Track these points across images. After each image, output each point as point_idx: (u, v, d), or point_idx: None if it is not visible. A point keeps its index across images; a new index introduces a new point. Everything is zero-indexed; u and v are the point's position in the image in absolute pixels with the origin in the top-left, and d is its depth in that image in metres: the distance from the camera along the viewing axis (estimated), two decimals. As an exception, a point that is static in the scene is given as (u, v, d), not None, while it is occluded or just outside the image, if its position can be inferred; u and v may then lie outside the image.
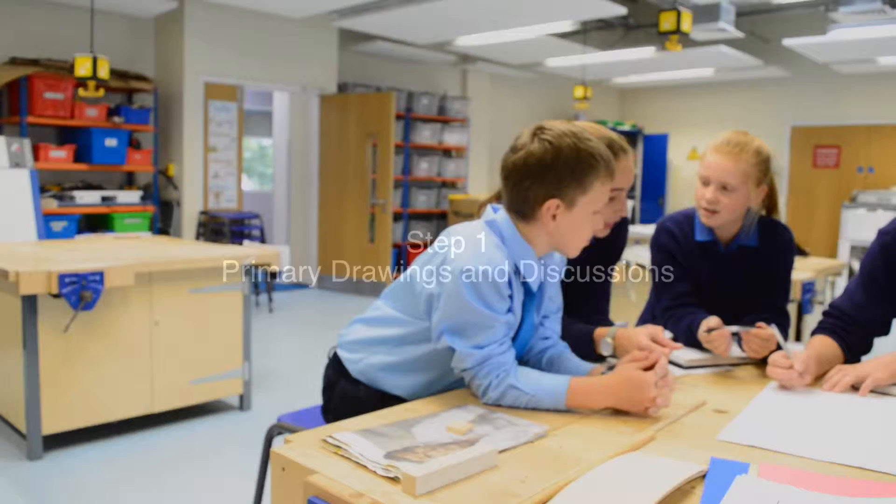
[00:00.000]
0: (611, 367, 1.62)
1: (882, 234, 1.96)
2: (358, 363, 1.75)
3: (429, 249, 1.64)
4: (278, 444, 1.29)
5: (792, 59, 9.93)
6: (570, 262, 2.07)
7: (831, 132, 10.70)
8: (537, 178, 1.53)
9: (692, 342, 2.00)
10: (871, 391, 1.70)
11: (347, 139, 8.33)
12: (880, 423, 1.51)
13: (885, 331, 1.98)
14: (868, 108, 10.28)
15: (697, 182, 2.11)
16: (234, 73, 7.52)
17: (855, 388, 1.71)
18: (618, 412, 1.50)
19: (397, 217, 8.82)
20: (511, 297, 1.54)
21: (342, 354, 1.80)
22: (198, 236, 7.36)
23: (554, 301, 1.78)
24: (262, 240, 7.43)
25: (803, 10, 8.92)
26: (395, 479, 1.11)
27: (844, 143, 10.61)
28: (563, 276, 1.80)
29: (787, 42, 8.46)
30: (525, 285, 1.61)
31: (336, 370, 1.81)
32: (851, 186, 10.46)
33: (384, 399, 1.68)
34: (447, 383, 1.69)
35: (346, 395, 1.75)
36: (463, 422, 1.36)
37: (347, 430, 1.30)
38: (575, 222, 1.56)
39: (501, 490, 1.09)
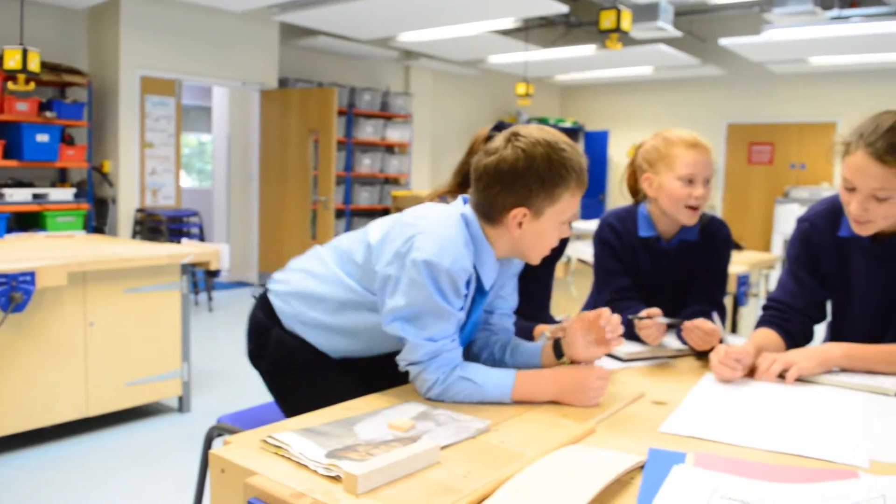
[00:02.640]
0: (557, 345, 1.66)
1: (800, 221, 2.04)
2: (289, 314, 1.71)
3: (388, 222, 1.60)
4: (218, 446, 1.27)
5: (728, 58, 10.17)
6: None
7: (765, 130, 11.00)
8: (507, 185, 1.52)
9: (633, 335, 2.04)
10: (798, 379, 1.76)
11: (289, 135, 8.24)
12: (809, 411, 1.56)
13: (822, 315, 2.05)
14: (800, 107, 10.59)
15: (675, 183, 2.08)
16: (171, 68, 7.36)
17: (783, 376, 1.76)
18: (559, 405, 1.51)
19: (339, 214, 8.76)
20: (465, 296, 1.54)
21: (275, 302, 1.74)
22: (134, 235, 7.19)
23: (508, 300, 1.79)
24: (202, 238, 7.30)
25: (739, 10, 9.14)
26: (336, 479, 1.10)
27: (778, 141, 10.91)
28: (516, 273, 1.80)
29: (724, 42, 8.65)
30: (479, 283, 1.61)
31: (267, 314, 1.75)
32: (784, 182, 10.77)
33: (315, 357, 1.68)
34: (376, 353, 1.70)
35: (282, 344, 1.71)
36: (405, 419, 1.36)
37: (288, 430, 1.28)
38: (540, 231, 1.56)
39: (444, 486, 1.09)
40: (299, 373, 1.71)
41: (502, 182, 1.52)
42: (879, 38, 7.79)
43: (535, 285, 2.21)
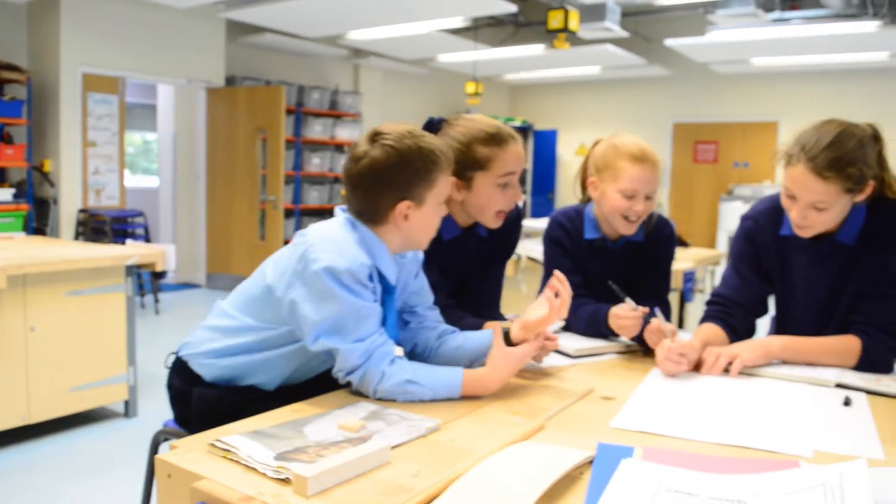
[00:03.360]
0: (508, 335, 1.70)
1: (744, 219, 2.09)
2: (213, 367, 1.67)
3: (283, 251, 1.61)
4: (165, 451, 1.24)
5: (673, 58, 10.34)
6: (464, 256, 2.09)
7: (710, 129, 11.22)
8: (386, 183, 1.54)
9: (592, 331, 2.05)
10: (742, 373, 1.81)
11: (236, 134, 8.13)
12: (753, 403, 1.60)
13: (763, 310, 2.10)
14: (743, 107, 10.83)
15: (615, 195, 2.08)
16: (114, 65, 7.20)
17: (728, 370, 1.81)
18: (509, 402, 1.53)
19: (288, 213, 8.67)
20: (374, 290, 1.54)
21: (193, 364, 1.70)
22: (77, 236, 7.02)
23: (420, 295, 1.80)
24: (147, 238, 7.16)
25: (683, 12, 9.32)
26: (286, 481, 1.09)
27: (722, 140, 11.15)
28: (420, 271, 1.80)
29: (669, 42, 8.80)
30: (383, 283, 1.61)
31: (184, 378, 1.71)
32: (728, 180, 11.01)
33: (248, 393, 1.65)
34: (314, 373, 1.69)
35: (205, 399, 1.66)
36: (355, 419, 1.35)
37: (235, 433, 1.27)
38: (426, 217, 1.60)
39: (394, 486, 1.09)
40: (231, 415, 1.52)
41: (381, 182, 1.54)
42: (818, 39, 8.01)
43: (485, 284, 2.22)
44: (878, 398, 1.64)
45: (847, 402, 1.59)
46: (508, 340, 1.71)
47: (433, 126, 1.97)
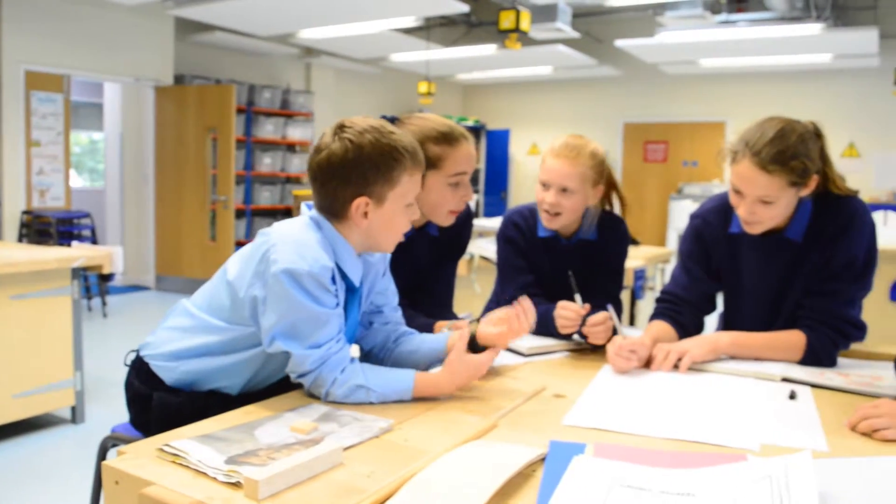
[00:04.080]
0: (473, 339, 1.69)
1: (693, 217, 2.13)
2: (175, 371, 1.63)
3: (246, 249, 1.58)
4: (113, 457, 1.22)
5: (624, 59, 10.47)
6: (415, 257, 2.09)
7: (660, 129, 11.39)
8: (342, 177, 1.52)
9: (543, 330, 2.08)
10: (692, 369, 1.84)
11: (185, 133, 8.00)
12: (702, 399, 1.62)
13: (712, 307, 2.14)
14: (692, 107, 11.02)
15: (538, 186, 2.17)
16: (58, 62, 7.03)
17: (678, 366, 1.84)
18: (462, 402, 1.53)
19: (240, 214, 8.56)
20: (336, 293, 1.52)
21: (154, 364, 1.66)
22: (20, 238, 6.83)
23: (386, 295, 1.79)
24: (94, 240, 7.01)
25: (633, 13, 9.45)
26: (237, 485, 1.07)
27: (672, 139, 11.33)
28: (387, 270, 1.80)
29: (619, 43, 8.91)
30: (347, 282, 1.59)
31: (144, 380, 1.66)
32: (678, 179, 11.19)
33: (210, 400, 1.60)
34: (279, 377, 1.66)
35: (166, 406, 1.62)
36: (307, 421, 1.34)
37: (185, 438, 1.24)
38: (387, 218, 1.57)
39: (347, 487, 1.08)
40: (193, 423, 1.59)
41: (337, 176, 1.52)
42: (764, 41, 8.19)
43: (438, 283, 2.22)
44: (822, 391, 1.68)
45: (792, 396, 1.62)
46: (474, 344, 1.71)
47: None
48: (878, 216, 5.36)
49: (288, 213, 9.17)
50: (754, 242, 1.98)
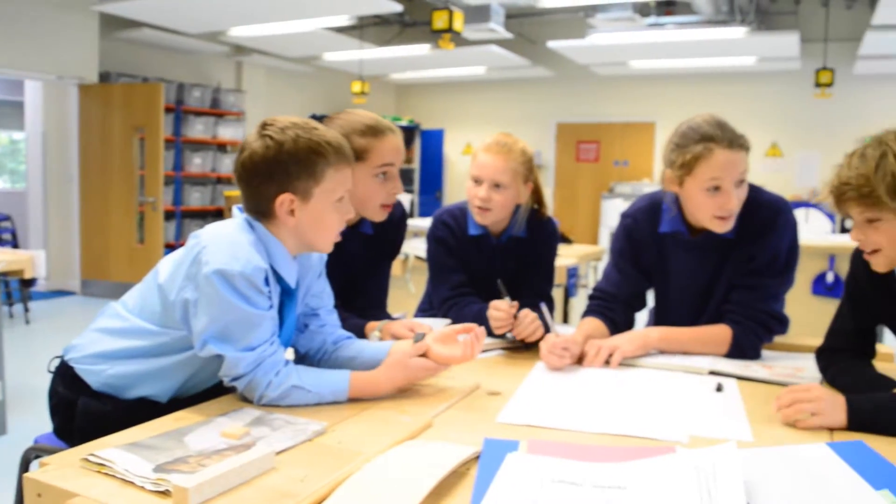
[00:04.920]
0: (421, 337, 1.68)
1: (624, 216, 2.17)
2: (101, 374, 1.58)
3: (178, 252, 1.55)
4: (35, 469, 1.17)
5: (556, 60, 10.60)
6: (348, 258, 2.07)
7: (592, 129, 11.58)
8: (265, 175, 1.50)
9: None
10: (623, 364, 1.87)
11: (111, 133, 7.77)
12: (633, 393, 1.66)
13: (642, 304, 2.19)
14: (623, 107, 11.23)
15: (469, 182, 2.19)
16: (-26, 59, 6.76)
17: (609, 362, 1.87)
18: (397, 402, 1.52)
19: (169, 216, 8.37)
20: (270, 295, 1.50)
21: (79, 368, 1.60)
22: (-64, 241, 6.56)
23: (322, 298, 1.77)
24: (15, 244, 6.77)
25: (565, 14, 9.57)
26: (166, 493, 1.05)
27: (603, 139, 11.53)
28: (323, 271, 1.78)
29: (552, 44, 9.02)
30: (282, 284, 1.57)
31: (69, 385, 1.61)
32: (609, 178, 11.39)
33: (138, 407, 1.55)
34: (211, 383, 1.62)
35: (90, 413, 1.56)
36: (238, 425, 1.32)
37: (111, 446, 1.21)
38: (316, 215, 1.54)
39: (280, 492, 1.07)
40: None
41: (260, 173, 1.50)
42: (691, 44, 8.40)
43: (371, 283, 2.21)
44: (747, 383, 1.74)
45: (719, 388, 1.67)
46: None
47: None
48: (800, 213, 5.56)
49: (219, 214, 9.00)
50: (683, 241, 2.03)
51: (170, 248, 8.10)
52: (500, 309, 2.00)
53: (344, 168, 1.56)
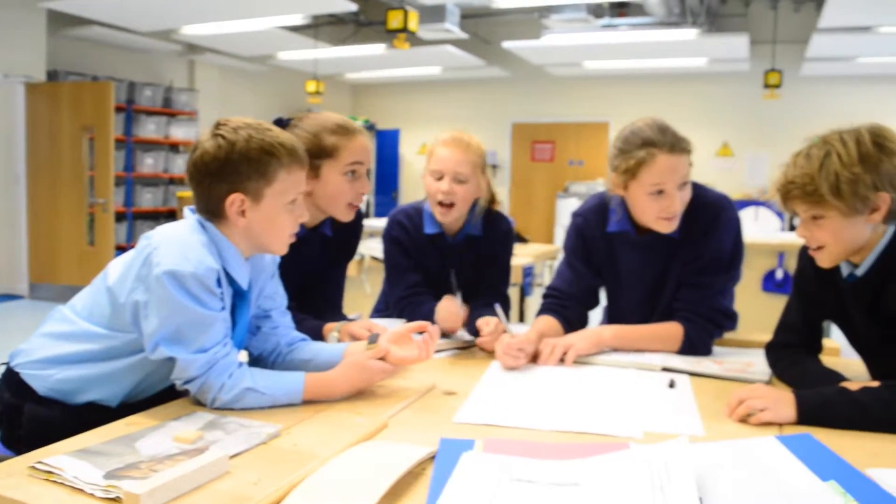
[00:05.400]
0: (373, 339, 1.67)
1: (575, 216, 2.20)
2: (49, 379, 1.54)
3: (128, 254, 1.52)
4: (-20, 479, 1.14)
5: (511, 60, 10.66)
6: (306, 259, 2.06)
7: (547, 129, 11.67)
8: (216, 174, 1.49)
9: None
10: (576, 361, 1.89)
11: (60, 132, 7.60)
12: (588, 390, 1.68)
13: (595, 301, 2.21)
14: (577, 108, 11.34)
15: (428, 179, 2.19)
16: (-85, 57, 6.55)
17: (564, 360, 1.89)
18: (352, 403, 1.52)
19: (120, 217, 8.22)
20: (222, 297, 1.48)
21: (25, 374, 1.56)
22: None
23: (275, 299, 1.76)
24: (-40, 246, 6.58)
25: (520, 15, 9.63)
26: (117, 500, 1.03)
27: (558, 139, 11.63)
28: (276, 273, 1.76)
29: (507, 45, 9.06)
30: (234, 286, 1.55)
31: (15, 392, 1.56)
32: (564, 178, 11.49)
33: (87, 412, 1.52)
34: (163, 386, 1.60)
35: (37, 419, 1.53)
36: (191, 430, 1.30)
37: (59, 454, 1.18)
38: (268, 217, 1.53)
39: (233, 496, 1.06)
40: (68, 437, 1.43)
41: (211, 173, 1.49)
42: (644, 45, 8.52)
43: (328, 285, 2.20)
44: (698, 379, 1.77)
45: (672, 385, 1.70)
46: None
47: (281, 125, 1.94)
48: (749, 211, 5.67)
49: (172, 215, 8.86)
50: (631, 240, 2.06)
51: (121, 249, 7.95)
52: (447, 310, 2.01)
53: (297, 170, 1.55)
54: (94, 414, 1.51)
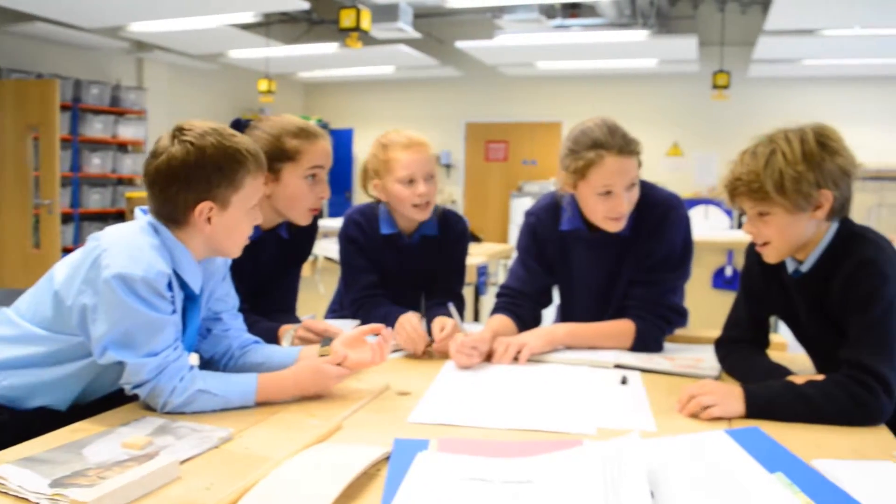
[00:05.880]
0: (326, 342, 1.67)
1: (528, 215, 2.22)
2: None
3: (75, 255, 1.49)
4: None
5: (465, 60, 10.67)
6: (261, 262, 2.04)
7: (500, 129, 11.72)
8: (184, 182, 1.46)
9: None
10: (530, 359, 1.91)
11: (3, 132, 7.39)
12: (542, 388, 1.69)
13: (548, 300, 2.22)
14: (530, 108, 11.40)
15: (397, 187, 2.14)
16: None
17: (518, 358, 1.90)
18: (305, 405, 1.51)
19: (67, 218, 8.03)
20: (172, 299, 1.46)
21: None
22: None
23: (226, 301, 1.74)
24: None
25: (473, 15, 9.65)
26: (63, 508, 1.01)
27: (512, 139, 11.68)
28: (227, 275, 1.74)
29: (460, 44, 9.07)
30: (186, 290, 1.53)
31: None
32: (518, 178, 11.55)
33: (37, 417, 1.48)
34: (114, 388, 1.55)
35: None
36: (140, 435, 1.28)
37: (3, 462, 1.15)
38: (231, 222, 1.52)
39: (184, 501, 1.05)
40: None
41: (179, 181, 1.46)
42: (595, 46, 8.61)
43: (282, 287, 2.18)
44: (650, 375, 1.80)
45: (624, 381, 1.72)
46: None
47: (240, 126, 1.92)
48: (699, 210, 5.76)
49: (121, 216, 8.67)
50: (584, 238, 2.08)
51: (67, 252, 7.73)
52: (411, 326, 1.99)
53: (259, 176, 1.55)
54: (45, 418, 1.47)
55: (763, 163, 1.54)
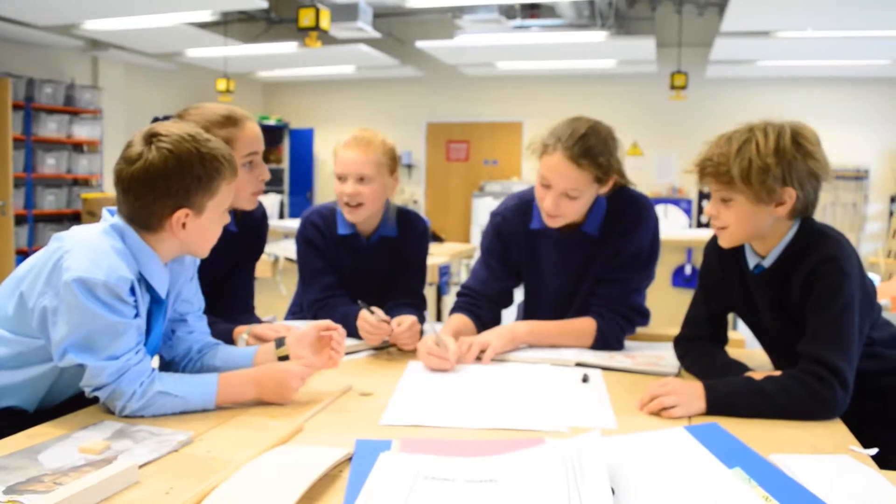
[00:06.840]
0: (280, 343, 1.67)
1: (493, 215, 2.22)
2: None
3: (38, 255, 1.45)
4: None
5: (425, 60, 10.67)
6: (211, 259, 2.01)
7: (461, 128, 11.73)
8: (162, 190, 1.43)
9: (347, 332, 2.07)
10: (493, 359, 1.91)
11: (-48, 132, 7.23)
12: (505, 387, 1.70)
13: (509, 301, 2.23)
14: (491, 108, 11.43)
15: (336, 182, 2.17)
16: None
17: (480, 358, 1.90)
18: (267, 408, 1.50)
19: (20, 220, 7.85)
20: (136, 304, 1.43)
21: None
22: None
23: (194, 303, 1.72)
24: None
25: (433, 15, 9.65)
26: (17, 516, 0.98)
27: (473, 139, 11.71)
28: (195, 275, 1.72)
29: (420, 44, 9.07)
30: (151, 292, 1.51)
31: None
32: (480, 177, 11.58)
33: (4, 418, 1.45)
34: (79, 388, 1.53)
35: None
36: (98, 439, 1.25)
37: (-47, 469, 1.12)
38: (204, 227, 1.51)
39: (143, 507, 1.03)
40: None
41: (157, 188, 1.43)
42: (555, 46, 8.67)
43: (236, 285, 2.14)
44: (611, 373, 1.81)
45: (585, 379, 1.73)
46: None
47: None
48: (659, 209, 5.81)
49: (76, 218, 8.51)
50: (553, 237, 2.09)
51: (22, 254, 7.60)
52: (368, 321, 1.99)
53: (233, 180, 1.54)
54: (12, 419, 1.44)
55: (735, 149, 1.57)
